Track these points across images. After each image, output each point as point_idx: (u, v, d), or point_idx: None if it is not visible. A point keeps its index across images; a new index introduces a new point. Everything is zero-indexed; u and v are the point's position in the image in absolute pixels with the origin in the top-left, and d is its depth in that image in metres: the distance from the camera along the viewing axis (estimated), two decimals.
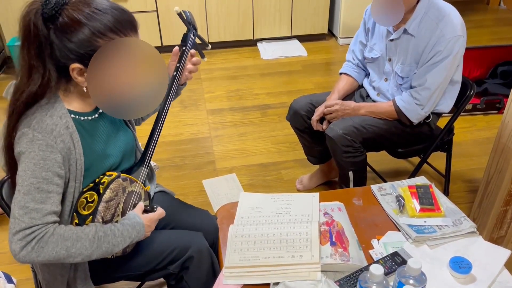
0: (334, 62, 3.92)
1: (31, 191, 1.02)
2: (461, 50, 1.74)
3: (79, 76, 1.05)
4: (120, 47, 1.02)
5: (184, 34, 1.45)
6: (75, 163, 1.09)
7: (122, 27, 1.04)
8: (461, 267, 1.13)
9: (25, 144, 1.03)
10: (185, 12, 1.48)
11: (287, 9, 4.06)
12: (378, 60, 1.94)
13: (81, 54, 1.02)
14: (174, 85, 1.39)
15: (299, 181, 2.43)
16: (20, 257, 1.01)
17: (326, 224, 1.30)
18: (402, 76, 1.85)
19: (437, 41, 1.71)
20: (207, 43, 1.59)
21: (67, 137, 1.07)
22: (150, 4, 3.80)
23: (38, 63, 1.03)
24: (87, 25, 1.01)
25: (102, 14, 1.02)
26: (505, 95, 2.99)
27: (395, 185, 1.47)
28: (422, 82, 1.77)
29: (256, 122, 3.04)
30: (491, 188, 1.89)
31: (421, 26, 1.76)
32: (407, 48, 1.81)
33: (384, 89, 1.95)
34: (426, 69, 1.76)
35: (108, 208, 1.15)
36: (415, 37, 1.77)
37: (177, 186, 2.43)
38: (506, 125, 1.77)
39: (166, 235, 1.33)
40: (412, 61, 1.81)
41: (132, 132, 1.33)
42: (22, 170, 1.03)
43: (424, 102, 1.79)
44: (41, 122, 1.04)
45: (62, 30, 1.02)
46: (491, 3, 5.15)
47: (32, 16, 1.01)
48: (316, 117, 1.96)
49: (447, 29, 1.70)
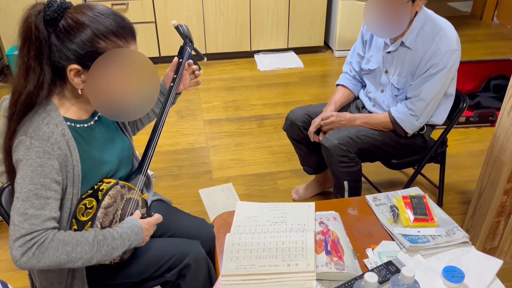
0: (330, 74, 3.97)
1: (30, 198, 1.03)
2: (455, 64, 1.78)
3: (75, 77, 1.08)
4: (122, 55, 1.07)
5: (180, 47, 1.51)
6: (72, 170, 1.11)
7: (123, 32, 1.09)
8: (454, 276, 1.15)
9: (22, 152, 1.04)
10: (181, 25, 1.53)
11: (284, 22, 4.11)
12: (375, 71, 1.98)
13: (80, 55, 1.05)
14: (171, 95, 1.43)
15: (295, 191, 2.44)
16: (21, 263, 1.02)
17: (322, 233, 1.31)
18: (398, 87, 1.89)
19: (432, 54, 1.75)
20: (202, 56, 1.64)
21: (63, 144, 1.08)
22: (148, 15, 3.84)
23: (36, 64, 1.06)
24: (90, 27, 1.05)
25: (105, 18, 1.07)
26: (497, 108, 3.02)
27: (389, 195, 1.50)
28: (417, 94, 1.81)
29: (253, 133, 3.06)
30: (484, 199, 1.92)
31: (418, 40, 1.80)
32: (403, 60, 1.85)
33: (380, 100, 1.98)
34: (421, 80, 1.80)
35: (106, 214, 1.16)
36: (411, 50, 1.82)
37: (174, 195, 2.44)
38: (498, 137, 1.80)
39: (164, 243, 1.34)
40: (408, 73, 1.85)
41: (128, 140, 1.35)
42: (20, 177, 1.04)
43: (419, 113, 1.83)
44: (37, 130, 1.06)
45: (64, 32, 1.05)
46: (485, 18, 5.24)
47: (34, 18, 1.04)
48: (313, 129, 1.99)
49: (443, 42, 1.74)
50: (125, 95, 1.09)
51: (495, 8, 5.18)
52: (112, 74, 1.06)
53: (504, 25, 5.07)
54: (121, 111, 1.12)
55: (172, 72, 1.48)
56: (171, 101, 1.43)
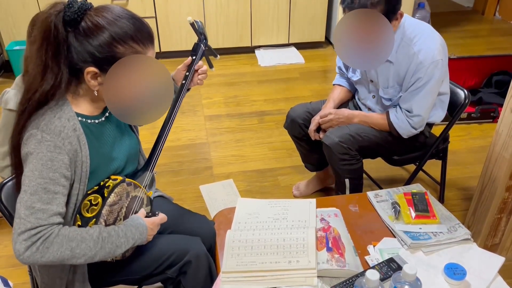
0: (331, 70, 3.95)
1: (38, 192, 1.03)
2: (442, 73, 1.73)
3: (92, 79, 1.08)
4: (140, 62, 1.07)
5: (194, 44, 1.51)
6: (81, 165, 1.11)
7: (142, 37, 1.09)
8: (455, 274, 1.15)
9: (33, 145, 1.04)
10: (197, 22, 1.52)
11: (285, 17, 4.10)
12: (361, 81, 1.96)
13: (99, 59, 1.06)
14: (183, 93, 1.44)
15: (295, 187, 2.44)
16: (24, 258, 1.02)
17: (323, 230, 1.31)
18: (388, 98, 1.86)
19: (415, 69, 1.70)
20: (216, 54, 1.64)
21: (74, 139, 1.08)
22: (149, 10, 3.82)
23: (53, 64, 1.06)
24: (109, 30, 1.05)
25: (124, 22, 1.07)
26: (499, 104, 3.02)
27: (391, 192, 1.49)
28: (410, 109, 1.77)
29: (253, 129, 3.06)
30: (485, 196, 1.91)
31: (399, 52, 1.74)
32: (387, 74, 1.81)
33: (373, 106, 1.97)
34: (410, 94, 1.76)
35: (111, 212, 1.16)
36: (393, 64, 1.77)
37: (174, 192, 2.44)
38: (500, 134, 1.79)
39: (164, 240, 1.33)
40: (394, 83, 1.81)
41: (136, 137, 1.35)
42: (30, 171, 1.04)
43: (417, 126, 1.82)
44: (49, 124, 1.06)
45: (83, 34, 1.05)
46: (486, 13, 5.21)
47: (54, 18, 1.04)
48: (313, 127, 1.98)
49: (425, 55, 1.68)
50: (140, 100, 1.10)
51: (497, 3, 5.15)
52: (129, 79, 1.06)
53: (506, 20, 5.04)
54: (135, 115, 1.13)
55: (184, 70, 1.49)
56: (182, 99, 1.45)
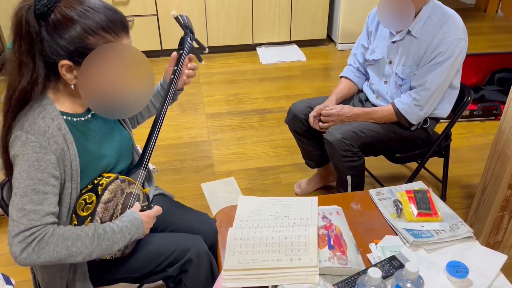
0: (332, 68, 3.94)
1: (28, 193, 1.02)
2: (462, 53, 1.77)
3: (67, 73, 1.06)
4: (114, 50, 1.04)
5: (181, 38, 1.47)
6: (70, 164, 1.09)
7: (114, 26, 1.05)
8: (458, 272, 1.14)
9: (19, 147, 1.03)
10: (182, 16, 1.50)
11: (286, 15, 4.08)
12: (378, 62, 1.97)
13: (71, 51, 1.03)
14: (172, 88, 1.40)
15: (297, 185, 2.44)
16: (21, 259, 1.01)
17: (325, 228, 1.31)
18: (403, 77, 1.88)
19: (439, 43, 1.74)
20: (204, 47, 1.61)
21: (60, 138, 1.07)
22: (150, 8, 3.82)
23: (28, 59, 1.03)
24: (79, 22, 1.02)
25: (95, 13, 1.04)
26: (502, 102, 3.01)
27: (393, 189, 1.49)
28: (422, 83, 1.80)
29: (255, 126, 3.05)
30: (488, 193, 1.91)
31: (425, 29, 1.79)
32: (409, 49, 1.84)
33: (383, 92, 1.97)
34: (427, 69, 1.78)
35: (106, 209, 1.15)
36: (418, 39, 1.80)
37: (176, 190, 2.43)
38: (502, 131, 1.79)
39: (165, 238, 1.33)
40: (413, 63, 1.84)
41: (128, 133, 1.33)
42: (18, 173, 1.03)
43: (423, 103, 1.81)
44: (33, 124, 1.04)
45: (53, 27, 1.02)
46: (489, 11, 5.19)
47: (24, 12, 1.02)
48: (314, 113, 1.98)
49: (450, 31, 1.73)
50: (118, 91, 1.06)
51: (499, 0, 5.13)
52: (104, 70, 1.03)
53: (509, 17, 5.02)
54: (115, 108, 1.09)
55: (171, 67, 1.44)
56: (172, 95, 1.41)
